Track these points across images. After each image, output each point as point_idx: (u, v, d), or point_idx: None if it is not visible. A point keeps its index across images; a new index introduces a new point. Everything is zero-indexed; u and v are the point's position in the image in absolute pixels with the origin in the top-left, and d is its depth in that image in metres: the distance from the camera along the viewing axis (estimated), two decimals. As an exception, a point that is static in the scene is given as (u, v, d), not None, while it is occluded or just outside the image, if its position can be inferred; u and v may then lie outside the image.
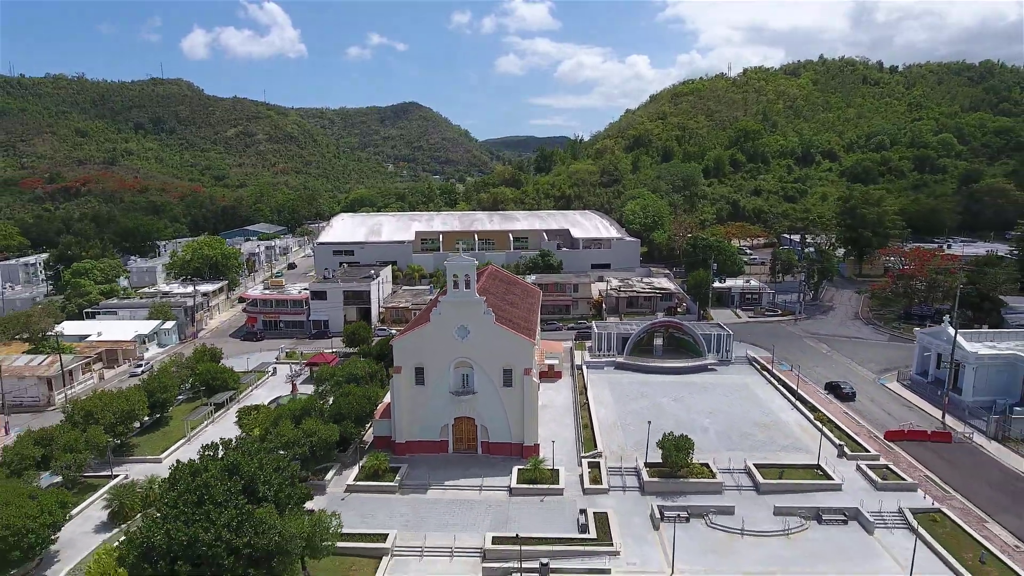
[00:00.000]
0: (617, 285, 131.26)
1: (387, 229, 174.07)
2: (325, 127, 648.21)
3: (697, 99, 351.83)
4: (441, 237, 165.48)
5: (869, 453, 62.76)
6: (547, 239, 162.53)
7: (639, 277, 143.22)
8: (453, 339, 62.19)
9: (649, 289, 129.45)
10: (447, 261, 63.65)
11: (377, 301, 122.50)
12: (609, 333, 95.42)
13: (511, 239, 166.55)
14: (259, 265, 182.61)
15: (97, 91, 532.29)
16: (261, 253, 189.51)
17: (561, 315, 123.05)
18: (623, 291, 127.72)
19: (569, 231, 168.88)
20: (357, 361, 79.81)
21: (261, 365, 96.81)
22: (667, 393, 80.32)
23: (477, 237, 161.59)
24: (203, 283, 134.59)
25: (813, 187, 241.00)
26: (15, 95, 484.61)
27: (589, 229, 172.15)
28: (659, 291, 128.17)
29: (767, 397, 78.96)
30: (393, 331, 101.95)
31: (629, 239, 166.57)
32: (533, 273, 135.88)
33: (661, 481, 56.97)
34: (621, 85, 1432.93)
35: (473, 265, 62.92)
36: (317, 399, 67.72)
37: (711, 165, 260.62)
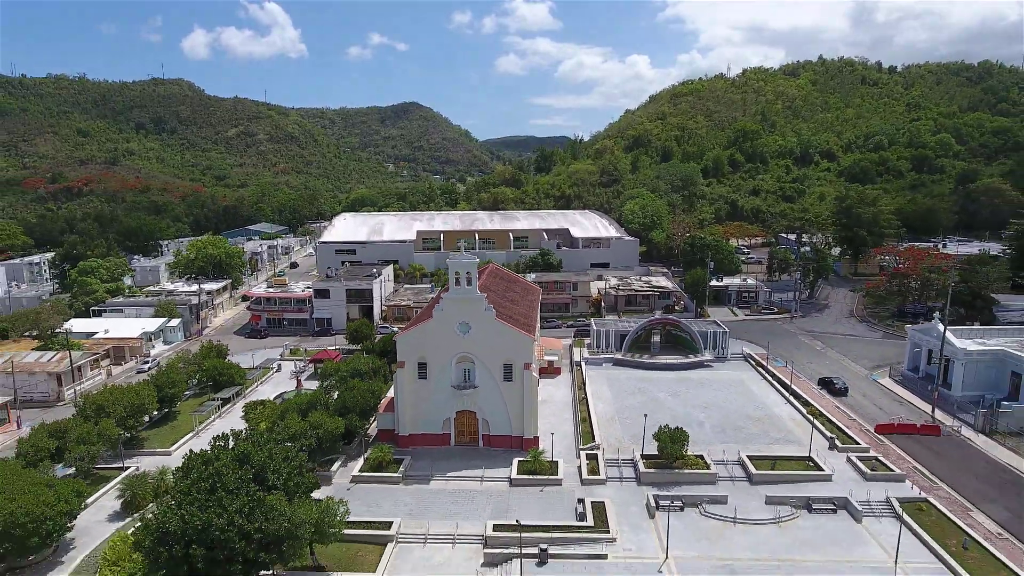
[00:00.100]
0: (616, 284, 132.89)
1: (389, 228, 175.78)
2: (326, 127, 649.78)
3: (696, 99, 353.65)
4: (442, 236, 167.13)
5: (859, 446, 64.52)
6: (547, 238, 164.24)
7: (638, 276, 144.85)
8: (455, 335, 63.89)
9: (647, 288, 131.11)
10: (449, 259, 65.27)
11: (379, 299, 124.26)
12: (607, 330, 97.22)
13: (511, 238, 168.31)
14: (261, 264, 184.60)
15: (98, 91, 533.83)
16: (263, 252, 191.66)
17: (560, 313, 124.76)
18: (622, 290, 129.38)
19: (569, 230, 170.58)
20: (361, 357, 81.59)
21: (266, 362, 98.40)
22: (664, 388, 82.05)
23: (478, 236, 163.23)
24: (207, 282, 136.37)
25: (811, 187, 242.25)
26: (17, 95, 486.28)
27: (588, 229, 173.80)
28: (657, 290, 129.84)
29: (761, 392, 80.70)
30: (395, 328, 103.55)
31: (628, 238, 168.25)
32: (533, 272, 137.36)
33: (657, 472, 58.76)
34: (621, 85, 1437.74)
35: (475, 263, 64.58)
36: (322, 393, 69.45)
37: (710, 165, 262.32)
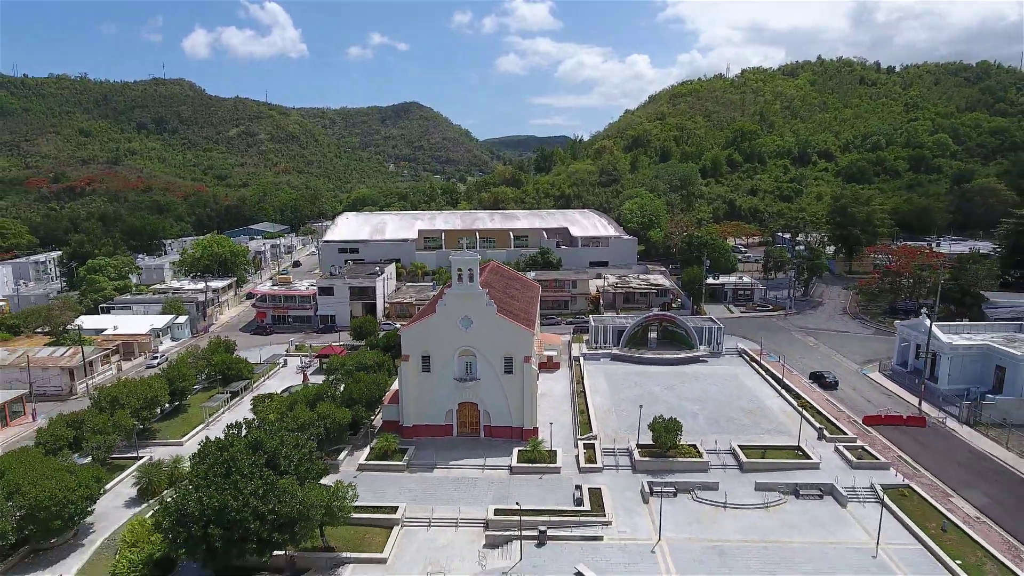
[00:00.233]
0: (614, 281, 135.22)
1: (391, 228, 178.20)
2: (326, 127, 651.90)
3: (695, 100, 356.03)
4: (443, 235, 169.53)
5: (847, 436, 66.86)
6: (547, 237, 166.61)
7: (636, 274, 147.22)
8: (458, 329, 66.20)
9: (645, 285, 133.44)
10: (452, 256, 67.57)
11: (382, 297, 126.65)
12: (605, 326, 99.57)
13: (512, 237, 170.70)
14: (265, 263, 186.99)
15: (100, 91, 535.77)
16: (267, 251, 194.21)
17: (560, 310, 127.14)
18: (620, 287, 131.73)
19: (568, 229, 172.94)
20: (366, 352, 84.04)
21: (272, 357, 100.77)
22: (660, 382, 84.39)
23: (479, 235, 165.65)
24: (213, 280, 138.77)
25: (809, 187, 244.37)
26: (19, 95, 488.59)
27: (588, 228, 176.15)
28: (655, 287, 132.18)
29: (754, 386, 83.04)
30: (397, 325, 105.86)
31: (627, 237, 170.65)
32: (533, 270, 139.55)
33: (651, 460, 61.13)
34: (621, 85, 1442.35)
35: (477, 259, 66.87)
36: (329, 386, 71.83)
37: (708, 165, 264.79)
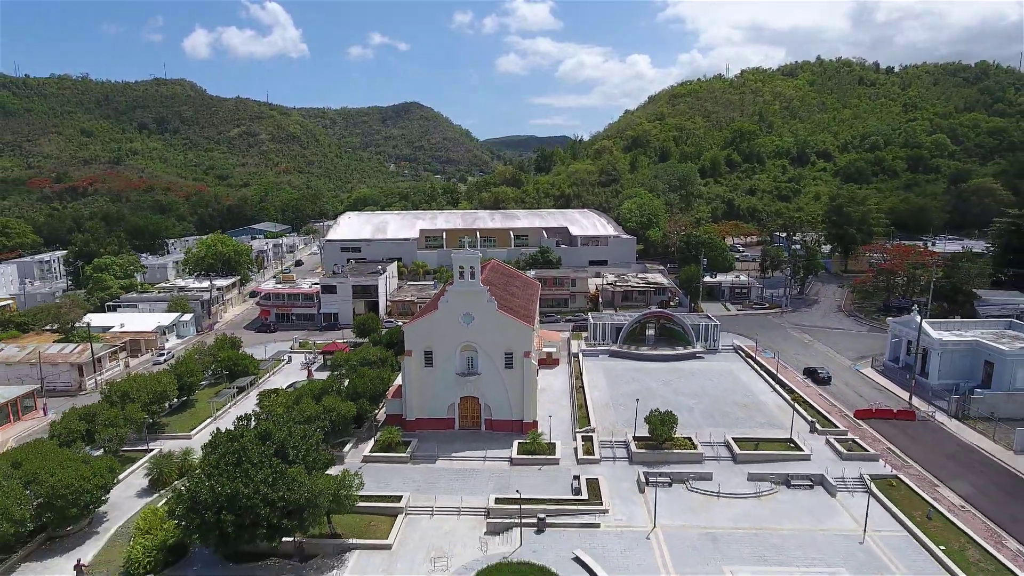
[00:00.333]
0: (613, 280, 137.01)
1: (392, 227, 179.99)
2: (327, 127, 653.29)
3: (695, 100, 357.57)
4: (444, 235, 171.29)
5: (838, 429, 68.70)
6: (547, 236, 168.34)
7: (634, 273, 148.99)
8: (459, 325, 68.05)
9: (643, 284, 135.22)
10: (454, 254, 69.38)
11: (384, 295, 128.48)
12: (604, 323, 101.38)
13: (512, 236, 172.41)
14: (267, 262, 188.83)
15: (101, 91, 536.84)
16: (269, 251, 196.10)
17: (559, 308, 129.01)
18: (618, 286, 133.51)
19: (568, 229, 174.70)
20: (369, 348, 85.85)
21: (277, 354, 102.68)
22: (657, 378, 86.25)
23: (479, 235, 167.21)
24: (217, 278, 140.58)
25: (807, 187, 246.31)
26: (20, 95, 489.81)
27: (587, 227, 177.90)
28: (653, 286, 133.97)
29: (749, 381, 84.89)
30: (399, 323, 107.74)
31: (626, 237, 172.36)
32: (533, 269, 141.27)
33: (647, 452, 62.96)
34: (622, 85, 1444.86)
35: (478, 257, 68.68)
36: (334, 381, 73.62)
37: (707, 165, 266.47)
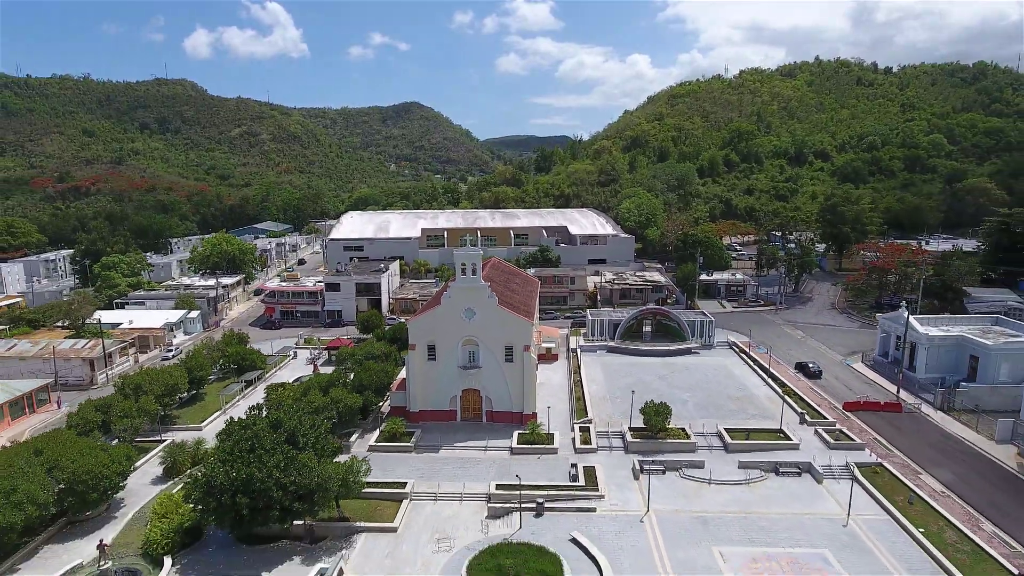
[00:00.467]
0: (611, 278, 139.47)
1: (394, 226, 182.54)
2: (328, 127, 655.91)
3: (693, 100, 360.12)
4: (446, 234, 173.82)
5: (827, 420, 71.11)
6: (546, 236, 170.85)
7: (633, 271, 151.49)
8: (461, 320, 70.52)
9: (641, 282, 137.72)
10: (456, 251, 71.81)
11: (387, 293, 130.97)
12: (602, 319, 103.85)
13: (512, 236, 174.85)
14: (271, 261, 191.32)
15: (103, 91, 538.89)
16: (272, 250, 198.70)
17: (559, 306, 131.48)
18: (617, 284, 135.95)
19: (567, 228, 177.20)
20: (373, 343, 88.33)
21: (283, 350, 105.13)
22: (653, 372, 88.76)
23: (480, 234, 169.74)
24: (223, 276, 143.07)
25: (804, 186, 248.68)
26: (22, 95, 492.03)
27: (586, 226, 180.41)
28: (650, 283, 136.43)
29: (743, 375, 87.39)
30: (402, 320, 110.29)
31: (624, 236, 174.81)
32: (533, 267, 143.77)
33: (643, 442, 65.41)
34: (622, 84, 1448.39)
35: (479, 255, 71.13)
36: (340, 374, 76.14)
37: (706, 165, 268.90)
